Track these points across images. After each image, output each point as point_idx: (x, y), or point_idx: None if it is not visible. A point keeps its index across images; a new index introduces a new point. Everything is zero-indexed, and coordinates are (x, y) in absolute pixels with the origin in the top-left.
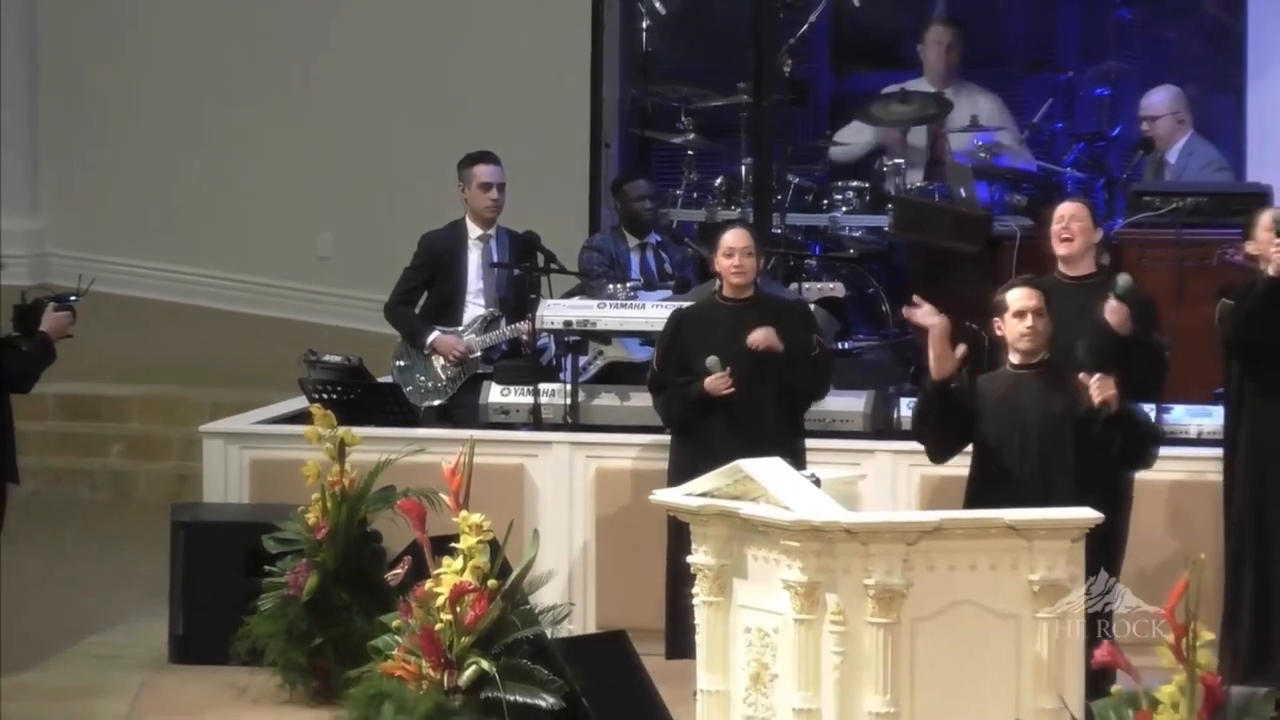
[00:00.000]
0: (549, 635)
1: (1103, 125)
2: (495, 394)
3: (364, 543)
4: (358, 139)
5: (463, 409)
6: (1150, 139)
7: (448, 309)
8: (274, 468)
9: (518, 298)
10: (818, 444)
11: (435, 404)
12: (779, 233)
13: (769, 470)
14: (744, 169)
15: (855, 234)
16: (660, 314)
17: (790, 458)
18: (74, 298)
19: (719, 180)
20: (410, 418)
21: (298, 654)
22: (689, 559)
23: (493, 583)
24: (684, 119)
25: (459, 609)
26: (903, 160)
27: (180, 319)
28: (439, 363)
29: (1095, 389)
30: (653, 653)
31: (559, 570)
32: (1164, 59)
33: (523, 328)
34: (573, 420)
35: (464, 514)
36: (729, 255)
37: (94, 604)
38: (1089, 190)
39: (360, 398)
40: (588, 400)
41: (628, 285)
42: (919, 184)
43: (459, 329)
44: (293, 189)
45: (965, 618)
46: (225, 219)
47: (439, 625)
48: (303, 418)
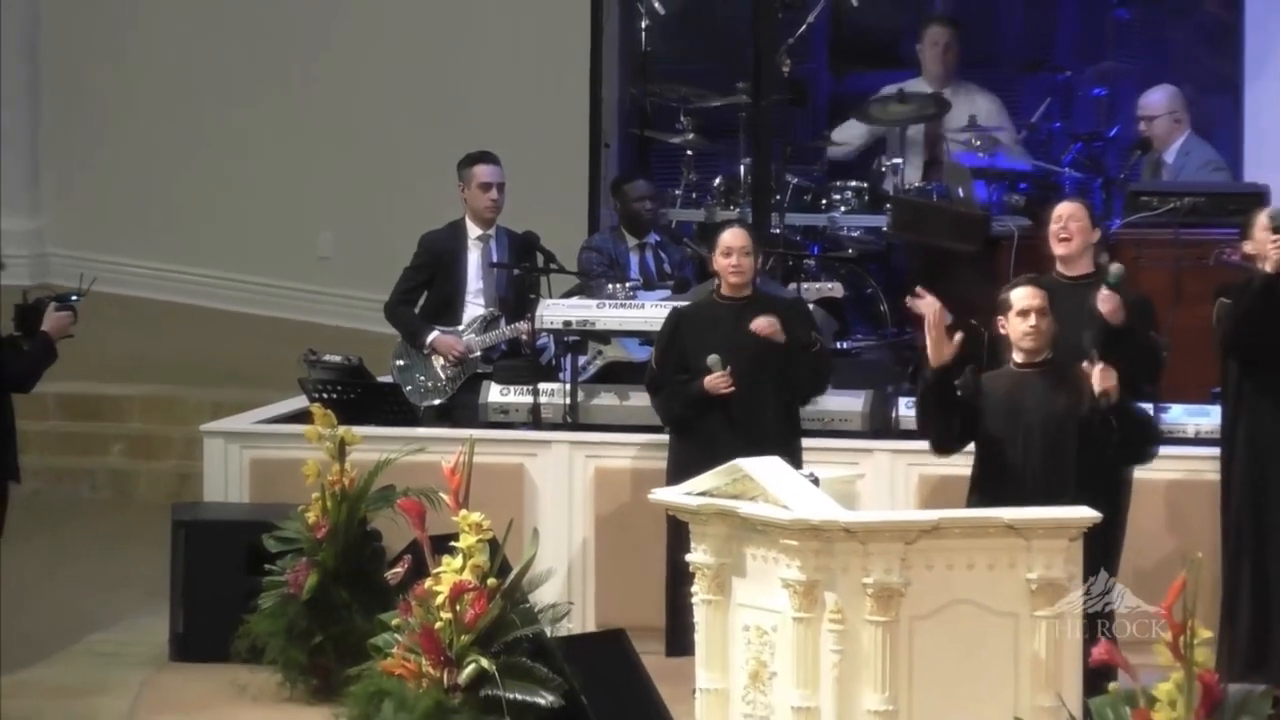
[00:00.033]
0: (548, 634)
1: (1100, 125)
2: (495, 393)
3: (364, 542)
4: (358, 139)
5: (462, 408)
6: (1148, 139)
7: (447, 309)
8: (274, 467)
9: (517, 298)
10: (816, 443)
11: (435, 403)
12: (777, 233)
13: (768, 469)
14: (743, 169)
15: (854, 234)
16: (659, 314)
17: (788, 457)
18: (75, 297)
19: (718, 180)
20: (410, 417)
21: (298, 652)
22: (688, 558)
23: (492, 581)
24: (683, 119)
25: (458, 607)
26: (901, 160)
27: (180, 319)
28: (439, 362)
29: (1097, 378)
30: (652, 651)
31: (558, 569)
32: (1162, 59)
33: (522, 327)
34: (572, 420)
35: (464, 513)
36: (727, 255)
37: (95, 602)
38: (1087, 190)
39: (360, 397)
40: (587, 400)
41: (627, 285)
42: (917, 184)
43: (459, 329)
44: (293, 189)
45: (963, 616)
46: (225, 219)
47: (439, 624)
48: (303, 417)
